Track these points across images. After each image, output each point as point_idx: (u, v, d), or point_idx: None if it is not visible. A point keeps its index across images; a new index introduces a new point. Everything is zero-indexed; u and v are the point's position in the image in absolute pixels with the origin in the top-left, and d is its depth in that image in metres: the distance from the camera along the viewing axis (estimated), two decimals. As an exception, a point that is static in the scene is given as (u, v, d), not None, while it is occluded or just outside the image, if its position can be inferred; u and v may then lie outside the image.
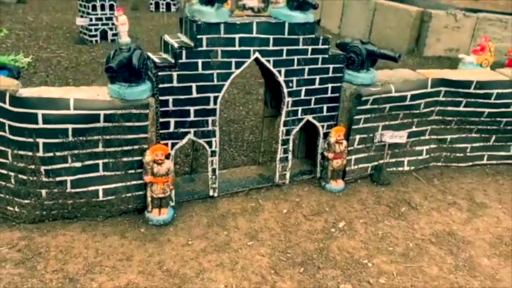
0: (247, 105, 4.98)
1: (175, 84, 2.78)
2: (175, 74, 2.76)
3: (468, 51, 7.08)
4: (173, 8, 9.69)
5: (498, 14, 7.28)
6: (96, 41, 6.86)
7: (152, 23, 8.73)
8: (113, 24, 6.90)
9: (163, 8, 9.68)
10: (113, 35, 6.97)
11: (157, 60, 2.79)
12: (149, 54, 2.88)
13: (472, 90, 3.54)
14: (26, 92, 2.60)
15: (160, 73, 2.73)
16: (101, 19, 6.82)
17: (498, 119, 3.73)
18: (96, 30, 6.83)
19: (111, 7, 6.86)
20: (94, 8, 6.74)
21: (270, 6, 3.15)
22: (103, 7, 6.80)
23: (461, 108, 3.63)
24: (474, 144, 3.85)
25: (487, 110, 3.67)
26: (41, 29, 7.46)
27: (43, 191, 2.70)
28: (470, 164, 3.91)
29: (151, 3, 9.71)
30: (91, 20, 6.75)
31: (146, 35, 7.75)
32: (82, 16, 6.86)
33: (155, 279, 2.44)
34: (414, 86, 3.39)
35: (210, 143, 3.04)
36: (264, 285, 2.46)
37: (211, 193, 3.16)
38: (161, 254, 2.62)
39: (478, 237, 3.01)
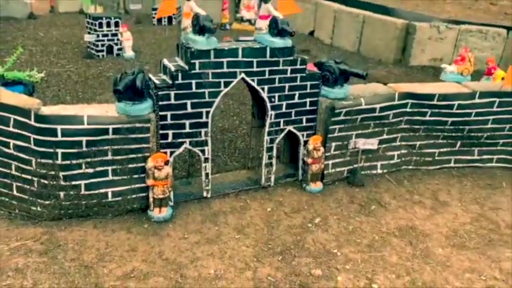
0: (241, 115, 5.45)
1: (172, 101, 3.27)
2: (172, 93, 3.25)
3: (451, 61, 7.55)
4: (174, 22, 10.20)
5: (478, 26, 7.74)
6: (102, 55, 7.37)
7: (155, 36, 9.25)
8: (118, 39, 7.42)
9: (164, 22, 10.20)
10: (118, 49, 7.48)
11: (157, 81, 3.29)
12: (151, 75, 3.38)
13: (435, 102, 4.01)
14: (46, 110, 3.10)
15: (159, 92, 3.22)
16: (107, 35, 7.34)
17: (461, 126, 4.19)
18: (102, 45, 7.35)
19: (116, 24, 7.38)
20: (101, 25, 7.26)
21: (256, 32, 3.64)
22: (108, 24, 7.32)
23: (427, 118, 4.10)
24: (441, 149, 4.31)
25: (450, 119, 4.13)
26: (51, 45, 7.99)
27: (61, 193, 3.19)
28: (438, 167, 4.36)
29: (153, 17, 10.23)
30: (97, 36, 7.27)
31: (149, 48, 8.25)
32: (89, 33, 7.38)
33: (156, 266, 2.91)
34: (382, 99, 3.86)
35: (203, 151, 3.53)
36: (247, 271, 2.93)
37: (204, 194, 3.64)
38: (162, 245, 3.10)
39: (436, 231, 3.47)
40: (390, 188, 4.01)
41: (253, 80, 3.48)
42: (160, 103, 3.24)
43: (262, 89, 3.53)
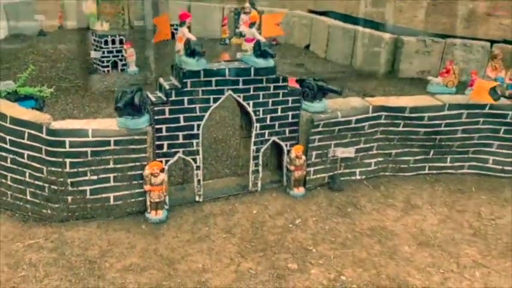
0: (235, 126, 5.85)
1: (167, 116, 3.70)
2: (167, 108, 3.68)
3: (438, 73, 7.94)
4: (176, 36, 10.70)
5: (463, 39, 8.14)
6: (108, 71, 7.84)
7: (157, 51, 9.73)
8: (122, 56, 7.90)
9: (167, 37, 10.69)
10: (123, 65, 7.94)
11: (153, 98, 3.73)
12: (148, 93, 3.81)
13: (406, 114, 4.40)
14: (56, 125, 3.54)
15: (155, 108, 3.65)
16: (112, 52, 7.82)
17: (433, 136, 4.58)
18: (108, 61, 7.83)
19: (121, 41, 7.86)
20: (106, 42, 7.75)
21: (242, 54, 4.07)
22: (113, 41, 7.80)
23: (400, 128, 4.49)
24: (416, 157, 4.69)
25: (422, 130, 4.52)
26: (60, 60, 8.48)
27: (69, 198, 3.62)
28: (414, 173, 4.74)
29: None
30: (103, 52, 7.75)
31: (152, 63, 8.73)
32: (95, 49, 7.86)
33: (151, 261, 3.32)
34: (358, 112, 4.26)
35: (195, 160, 3.95)
36: (232, 265, 3.32)
37: (197, 199, 4.05)
38: (157, 243, 3.50)
39: (404, 231, 3.84)
40: (367, 192, 4.39)
41: (239, 96, 3.90)
42: (156, 117, 3.67)
43: (248, 104, 3.95)
